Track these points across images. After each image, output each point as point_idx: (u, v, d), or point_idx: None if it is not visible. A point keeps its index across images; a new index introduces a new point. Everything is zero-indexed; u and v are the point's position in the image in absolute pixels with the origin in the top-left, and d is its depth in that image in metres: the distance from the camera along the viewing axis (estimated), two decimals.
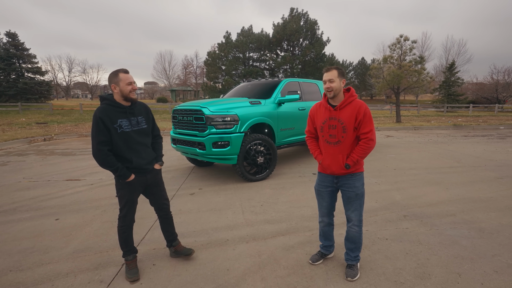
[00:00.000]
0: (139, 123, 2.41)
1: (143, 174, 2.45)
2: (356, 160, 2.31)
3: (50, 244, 3.05)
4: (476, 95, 33.84)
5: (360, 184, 2.41)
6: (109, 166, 2.26)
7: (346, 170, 2.35)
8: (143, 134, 2.43)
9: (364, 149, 2.29)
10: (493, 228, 3.32)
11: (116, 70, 2.31)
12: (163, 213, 2.70)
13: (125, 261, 2.53)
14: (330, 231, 2.67)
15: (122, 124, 2.29)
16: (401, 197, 4.35)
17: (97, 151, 2.22)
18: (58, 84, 56.03)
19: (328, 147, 2.39)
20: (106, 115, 2.23)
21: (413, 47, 14.58)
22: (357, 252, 2.51)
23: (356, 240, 2.47)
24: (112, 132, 2.24)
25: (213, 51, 29.53)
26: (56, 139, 10.96)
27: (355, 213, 2.44)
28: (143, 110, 2.50)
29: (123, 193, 2.41)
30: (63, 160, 7.17)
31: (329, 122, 2.35)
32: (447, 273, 2.49)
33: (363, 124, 2.27)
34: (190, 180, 5.47)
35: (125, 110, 2.32)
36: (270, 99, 5.72)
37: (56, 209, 4.04)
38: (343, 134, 2.30)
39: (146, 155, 2.45)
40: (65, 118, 17.49)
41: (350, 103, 2.31)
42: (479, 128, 14.89)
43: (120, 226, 2.47)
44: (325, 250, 2.71)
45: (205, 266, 2.63)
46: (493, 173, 5.67)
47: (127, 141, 2.31)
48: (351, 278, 2.41)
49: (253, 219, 3.65)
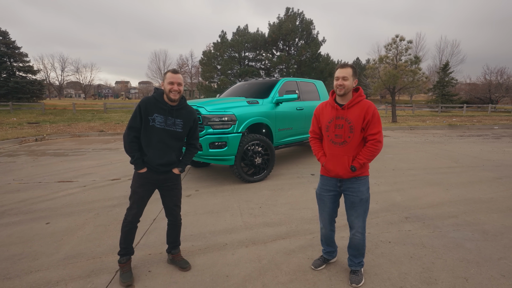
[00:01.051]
0: (176, 125, 2.39)
1: (155, 173, 2.42)
2: (363, 162, 2.21)
3: (40, 249, 2.91)
4: (470, 95, 34.20)
5: (365, 189, 2.30)
6: (129, 151, 2.35)
7: (351, 172, 2.25)
8: (173, 137, 2.40)
9: (371, 151, 2.20)
10: (496, 230, 3.26)
11: (171, 68, 2.45)
12: (172, 218, 2.65)
13: (119, 264, 2.46)
14: (331, 236, 2.58)
15: (157, 119, 2.33)
16: (401, 198, 4.28)
17: (126, 134, 2.34)
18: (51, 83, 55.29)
19: (333, 148, 2.30)
20: (145, 105, 2.31)
21: (409, 47, 14.62)
22: (360, 258, 2.41)
23: (360, 247, 2.38)
24: (144, 122, 2.32)
25: (208, 51, 29.32)
26: (48, 139, 10.72)
27: (358, 219, 2.33)
28: (186, 115, 2.45)
29: (133, 183, 2.46)
30: (55, 161, 6.98)
31: (336, 122, 2.25)
32: (453, 278, 2.41)
33: (371, 125, 2.19)
34: (186, 181, 5.34)
35: (166, 108, 2.35)
36: (268, 99, 5.62)
37: (47, 212, 3.88)
38: (350, 134, 2.21)
39: (164, 156, 2.39)
40: (57, 118, 17.18)
41: (358, 103, 2.23)
42: (474, 128, 14.98)
43: (124, 219, 2.48)
44: (328, 255, 2.63)
45: (203, 273, 2.52)
46: (491, 173, 5.65)
47: (153, 136, 2.34)
48: (356, 284, 2.32)
49: (252, 222, 3.54)
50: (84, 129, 12.73)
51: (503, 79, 35.13)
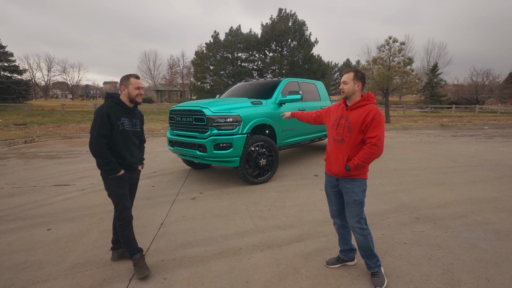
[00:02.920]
0: (135, 125, 2.60)
1: (130, 172, 2.58)
2: (357, 163, 2.22)
3: (44, 258, 2.76)
4: (457, 96, 34.99)
5: (359, 191, 2.32)
6: (104, 158, 2.36)
7: (346, 172, 2.29)
8: (136, 136, 2.62)
9: (366, 154, 2.20)
10: (507, 229, 3.28)
11: (128, 74, 2.52)
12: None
13: (133, 261, 2.49)
14: (345, 233, 2.56)
15: (124, 122, 2.46)
16: (408, 199, 4.28)
17: (95, 142, 2.32)
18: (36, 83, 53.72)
19: (333, 145, 2.41)
20: (112, 112, 2.39)
21: (402, 49, 14.83)
22: (373, 259, 2.40)
23: (364, 247, 2.38)
24: (114, 128, 2.39)
25: (201, 51, 29.08)
26: (38, 141, 10.38)
27: (352, 220, 2.36)
28: (139, 115, 2.70)
29: (114, 190, 2.46)
30: (48, 164, 6.74)
31: (339, 121, 2.37)
32: (475, 278, 2.40)
33: (370, 128, 2.22)
34: (188, 183, 5.22)
35: (128, 110, 2.51)
36: (271, 99, 5.56)
37: (47, 217, 3.71)
38: (347, 134, 2.29)
39: (136, 155, 2.62)
40: (46, 119, 16.66)
41: (362, 106, 2.29)
42: (465, 128, 15.31)
43: (120, 225, 2.47)
44: (344, 256, 2.60)
45: (221, 279, 2.43)
46: (491, 172, 5.74)
47: (125, 139, 2.48)
48: (380, 286, 2.30)
49: (263, 225, 3.47)
50: (75, 131, 12.39)
51: (488, 81, 36.14)
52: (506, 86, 34.74)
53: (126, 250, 2.52)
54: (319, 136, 7.03)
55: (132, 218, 2.55)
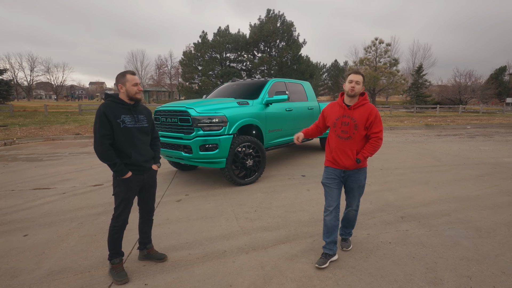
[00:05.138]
0: (141, 121, 2.48)
1: (140, 173, 2.46)
2: (367, 156, 2.57)
3: (19, 265, 2.64)
4: (442, 97, 35.86)
5: (363, 178, 2.71)
6: (108, 160, 2.29)
7: (356, 164, 2.59)
8: (143, 132, 2.49)
9: (374, 147, 2.57)
10: (488, 227, 3.35)
11: (124, 71, 2.43)
12: (148, 216, 2.70)
13: (111, 265, 2.43)
14: (336, 225, 2.66)
15: (125, 119, 2.36)
16: (394, 198, 4.32)
17: (99, 144, 2.27)
18: (19, 83, 52.06)
19: (339, 142, 2.61)
20: (110, 110, 2.30)
21: (388, 50, 15.09)
22: (350, 229, 2.93)
23: (352, 220, 2.86)
24: (114, 126, 2.30)
25: (188, 51, 28.82)
26: (19, 143, 10.02)
27: (355, 200, 2.77)
28: (145, 110, 2.58)
29: (119, 191, 2.40)
30: (28, 167, 6.50)
31: (342, 119, 2.59)
32: (457, 277, 2.42)
33: (374, 124, 2.56)
34: (174, 185, 5.13)
35: (129, 107, 2.41)
36: (258, 100, 5.53)
37: (24, 223, 3.56)
38: (354, 131, 2.55)
39: (145, 153, 2.49)
40: (28, 121, 16.14)
41: (363, 105, 2.60)
42: (449, 127, 15.68)
43: (113, 226, 2.42)
44: (329, 250, 2.65)
45: (204, 283, 2.37)
46: (473, 171, 5.87)
47: (129, 136, 2.37)
48: (346, 248, 2.87)
49: (249, 227, 3.42)
50: (58, 132, 12.03)
51: (471, 81, 37.20)
52: (488, 87, 35.89)
53: (108, 250, 2.45)
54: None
55: (127, 223, 2.48)
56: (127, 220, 2.46)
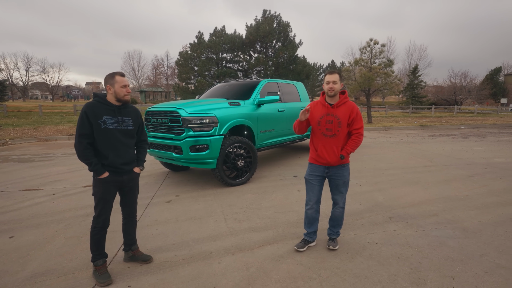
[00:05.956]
0: (125, 123, 2.44)
1: (119, 174, 2.44)
2: (350, 151, 2.68)
3: (2, 267, 2.61)
4: (437, 97, 36.07)
5: (347, 173, 2.81)
6: (84, 158, 2.30)
7: (340, 160, 2.70)
8: (127, 135, 2.46)
9: (356, 142, 2.70)
10: (475, 227, 3.37)
11: (113, 72, 2.41)
12: (132, 217, 2.69)
13: (95, 267, 2.44)
14: (316, 218, 2.90)
15: (107, 120, 2.33)
16: (383, 198, 4.34)
17: (77, 143, 2.28)
18: (14, 84, 51.67)
19: (324, 139, 2.70)
20: (91, 110, 2.28)
21: (383, 51, 15.14)
22: (338, 228, 2.94)
23: (339, 218, 2.89)
24: (95, 127, 2.29)
25: (185, 52, 28.75)
26: (12, 144, 9.95)
27: (341, 196, 2.83)
28: (133, 113, 2.54)
29: (96, 191, 2.40)
30: (19, 168, 6.45)
31: (326, 118, 2.67)
32: (441, 277, 2.43)
33: (355, 121, 2.69)
34: (165, 186, 5.11)
35: (113, 108, 2.38)
36: (249, 100, 5.53)
37: (11, 224, 3.53)
38: (339, 129, 2.65)
39: (125, 155, 2.45)
40: (22, 121, 16.03)
41: (344, 103, 2.70)
42: (443, 128, 15.77)
43: (93, 227, 2.42)
44: (309, 237, 2.93)
45: (188, 285, 2.36)
46: (464, 171, 5.90)
47: (109, 137, 2.35)
48: (333, 247, 2.86)
49: (237, 227, 3.42)
50: (52, 133, 11.96)
51: (466, 82, 37.44)
52: (483, 88, 36.13)
53: (91, 252, 2.44)
54: (301, 136, 7.04)
55: (108, 224, 2.47)
56: (107, 221, 2.45)
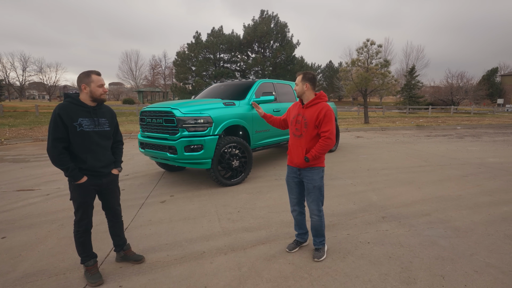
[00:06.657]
0: (102, 124, 2.36)
1: (98, 178, 2.38)
2: (315, 155, 2.56)
3: None
4: (434, 98, 36.26)
5: (318, 178, 2.65)
6: (60, 164, 2.19)
7: (305, 163, 2.62)
8: (103, 137, 2.38)
9: (322, 146, 2.55)
10: (467, 226, 3.39)
11: (88, 70, 2.29)
12: (116, 219, 2.65)
13: (85, 267, 2.41)
14: (302, 219, 2.88)
15: (83, 123, 2.24)
16: (377, 198, 4.36)
17: (51, 147, 2.17)
18: (10, 84, 51.39)
19: (294, 139, 2.71)
20: (66, 113, 2.18)
21: (379, 51, 15.20)
22: (320, 238, 2.77)
23: (317, 228, 2.73)
24: (70, 130, 2.19)
25: (182, 52, 28.75)
26: (7, 144, 9.90)
27: (313, 203, 2.69)
28: (108, 113, 2.46)
29: (75, 196, 2.32)
30: (14, 168, 6.43)
31: (297, 118, 2.68)
32: (431, 276, 2.45)
33: (323, 123, 2.56)
34: (160, 186, 5.11)
35: (89, 109, 2.29)
36: (245, 100, 5.54)
37: (3, 225, 3.52)
38: (304, 129, 2.62)
39: (103, 158, 2.39)
40: (18, 121, 15.96)
41: (315, 104, 2.62)
42: (439, 128, 15.85)
43: (76, 231, 2.37)
44: (300, 238, 2.93)
45: (180, 284, 2.37)
46: (458, 171, 5.94)
47: (86, 140, 2.26)
48: (317, 258, 2.68)
49: (230, 227, 3.43)
50: None
51: (463, 82, 37.65)
52: (479, 88, 36.35)
53: (79, 255, 2.43)
54: None
55: (91, 226, 2.43)
56: (90, 224, 2.41)
